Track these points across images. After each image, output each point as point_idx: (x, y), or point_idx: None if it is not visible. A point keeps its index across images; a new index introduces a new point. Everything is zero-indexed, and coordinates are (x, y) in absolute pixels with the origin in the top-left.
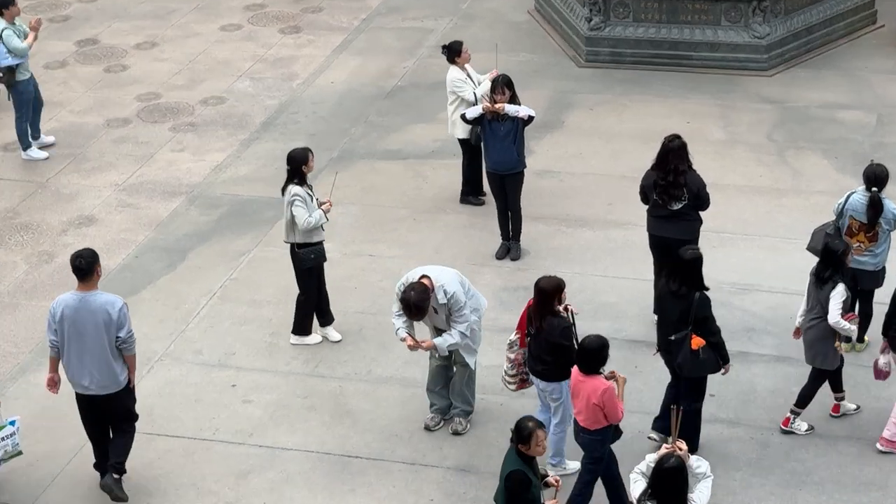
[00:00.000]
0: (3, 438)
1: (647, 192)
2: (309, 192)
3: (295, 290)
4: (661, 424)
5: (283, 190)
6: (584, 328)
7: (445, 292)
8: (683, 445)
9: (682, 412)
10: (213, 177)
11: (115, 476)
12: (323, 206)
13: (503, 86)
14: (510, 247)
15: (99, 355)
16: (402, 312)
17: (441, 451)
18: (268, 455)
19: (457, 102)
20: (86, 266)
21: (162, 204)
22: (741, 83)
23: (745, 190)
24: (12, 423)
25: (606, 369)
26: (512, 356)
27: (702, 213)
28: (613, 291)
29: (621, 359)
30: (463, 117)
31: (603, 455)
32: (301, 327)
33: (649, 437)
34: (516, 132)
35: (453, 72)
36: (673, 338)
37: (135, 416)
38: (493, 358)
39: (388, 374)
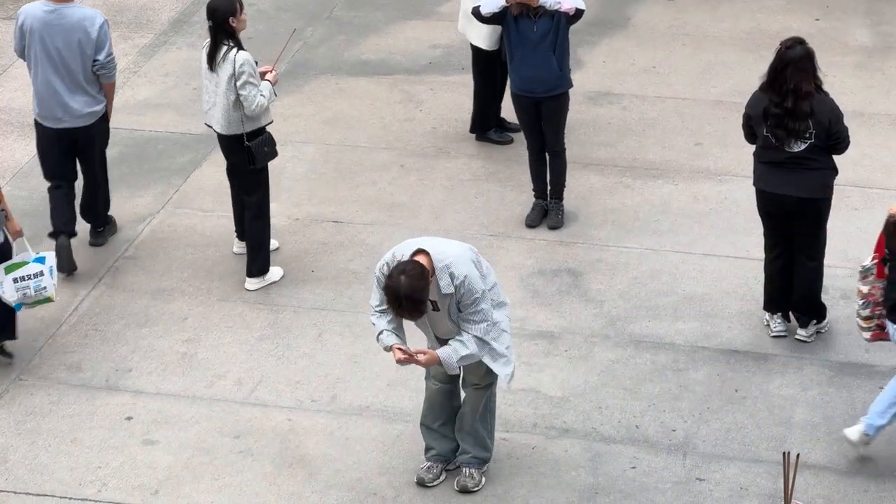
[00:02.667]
0: (23, 278)
1: (754, 125)
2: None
3: (227, 266)
4: None
5: (212, 57)
6: (661, 330)
7: (452, 276)
8: None
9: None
10: None
11: (96, 238)
12: (267, 77)
13: None
14: (548, 208)
15: (72, 81)
16: (385, 308)
17: None
18: None
19: None
20: None
21: (19, 143)
22: None
23: None
24: (40, 259)
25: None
26: (865, 289)
27: (836, 159)
28: (703, 277)
29: (715, 377)
30: (476, 12)
31: None
32: (263, 264)
33: None
34: (557, 34)
35: None
36: None
37: (105, 163)
38: (520, 378)
39: (363, 401)
